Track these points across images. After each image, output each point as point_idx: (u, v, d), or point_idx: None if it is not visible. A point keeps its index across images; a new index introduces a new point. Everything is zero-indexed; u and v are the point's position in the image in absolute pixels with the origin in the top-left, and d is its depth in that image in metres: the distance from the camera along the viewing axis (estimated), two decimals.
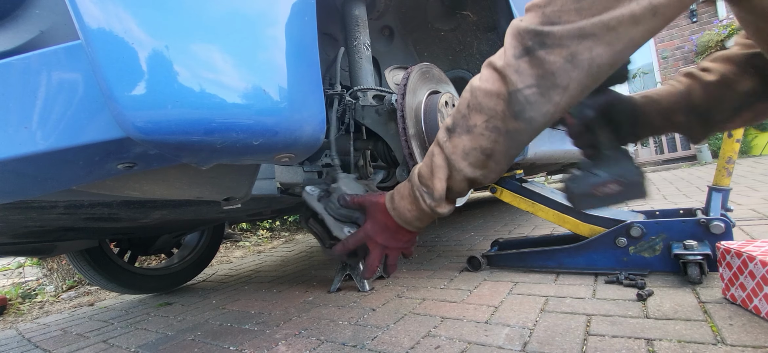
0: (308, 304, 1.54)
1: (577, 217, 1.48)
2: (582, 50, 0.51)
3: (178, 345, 1.32)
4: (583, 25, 0.50)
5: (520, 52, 0.54)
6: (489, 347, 0.95)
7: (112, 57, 0.48)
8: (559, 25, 0.51)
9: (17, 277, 3.07)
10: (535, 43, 0.53)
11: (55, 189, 0.64)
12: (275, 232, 4.28)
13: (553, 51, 0.52)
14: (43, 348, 1.52)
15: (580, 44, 0.51)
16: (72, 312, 2.12)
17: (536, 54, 0.53)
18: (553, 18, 0.52)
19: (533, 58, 0.53)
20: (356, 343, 1.09)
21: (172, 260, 2.35)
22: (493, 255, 1.69)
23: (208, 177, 0.81)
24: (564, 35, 0.51)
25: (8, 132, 0.52)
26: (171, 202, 1.16)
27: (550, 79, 0.53)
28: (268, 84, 0.56)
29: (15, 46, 0.55)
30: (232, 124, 0.54)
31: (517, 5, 1.62)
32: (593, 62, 0.52)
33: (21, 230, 1.23)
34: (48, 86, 0.52)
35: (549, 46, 0.52)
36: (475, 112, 0.61)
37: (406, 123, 0.98)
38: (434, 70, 1.20)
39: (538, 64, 0.53)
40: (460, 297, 1.34)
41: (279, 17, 0.59)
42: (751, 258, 0.92)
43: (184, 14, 0.51)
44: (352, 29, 1.16)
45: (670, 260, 1.27)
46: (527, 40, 0.54)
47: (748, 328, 0.86)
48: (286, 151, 0.63)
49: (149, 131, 0.50)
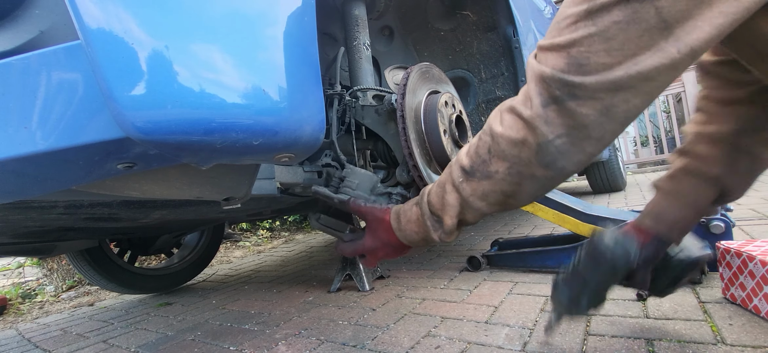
0: (308, 304, 1.54)
1: (577, 217, 1.48)
2: (618, 102, 0.47)
3: (178, 345, 1.32)
4: (618, 77, 0.46)
5: (547, 101, 0.50)
6: (489, 347, 0.95)
7: (112, 57, 0.48)
8: (590, 76, 0.47)
9: (17, 277, 3.07)
10: (563, 93, 0.49)
11: (55, 189, 0.64)
12: (275, 232, 4.28)
13: (585, 103, 0.48)
14: (43, 348, 1.52)
15: (616, 96, 0.47)
16: (72, 312, 2.12)
17: (566, 105, 0.49)
18: (581, 60, 0.47)
19: (563, 108, 0.49)
20: (356, 343, 1.09)
21: (172, 260, 2.35)
22: (493, 255, 1.69)
23: (208, 177, 0.81)
24: (597, 88, 0.47)
25: (8, 132, 0.52)
26: (171, 202, 1.16)
27: (582, 131, 0.49)
28: (268, 84, 0.56)
29: (15, 46, 0.55)
30: (232, 124, 0.54)
31: (517, 5, 1.62)
32: (629, 113, 0.48)
33: (21, 230, 1.23)
34: (48, 86, 0.52)
35: (581, 98, 0.48)
36: (497, 159, 0.58)
37: (405, 123, 0.98)
38: (434, 69, 1.20)
39: (568, 114, 0.49)
40: (460, 297, 1.34)
41: (279, 17, 0.59)
42: (751, 257, 0.92)
43: (183, 14, 0.51)
44: (352, 29, 1.16)
45: None
46: (555, 90, 0.50)
47: (748, 328, 0.86)
48: (286, 151, 0.63)
49: (149, 131, 0.50)
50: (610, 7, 0.45)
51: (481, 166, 0.60)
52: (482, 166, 0.60)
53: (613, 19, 0.45)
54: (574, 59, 0.48)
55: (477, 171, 0.61)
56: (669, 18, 0.43)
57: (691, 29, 0.43)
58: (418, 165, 1.00)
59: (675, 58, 0.44)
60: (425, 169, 1.03)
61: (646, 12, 0.44)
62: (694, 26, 0.43)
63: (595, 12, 0.47)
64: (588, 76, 0.47)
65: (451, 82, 1.28)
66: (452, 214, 0.66)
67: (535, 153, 0.53)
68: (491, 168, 0.59)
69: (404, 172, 1.06)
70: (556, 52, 0.50)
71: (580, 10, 0.48)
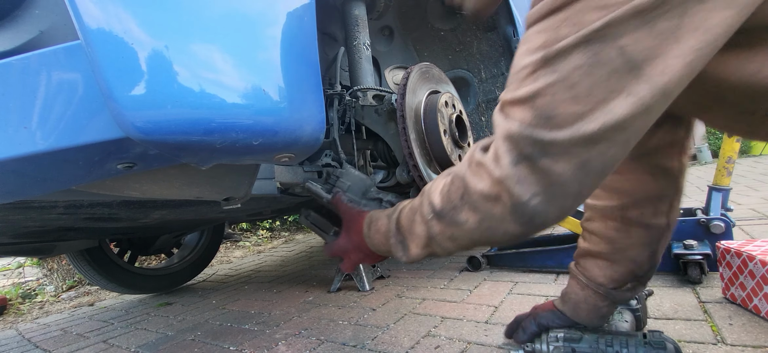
0: (308, 304, 1.54)
1: (577, 217, 1.48)
2: (594, 156, 0.43)
3: (178, 345, 1.32)
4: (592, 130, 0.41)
5: (518, 158, 0.46)
6: (489, 347, 0.95)
7: (112, 57, 0.47)
8: (561, 130, 0.42)
9: (17, 277, 3.08)
10: (535, 151, 0.44)
11: (55, 189, 0.64)
12: (275, 232, 4.28)
13: (559, 160, 0.44)
14: (43, 348, 1.52)
15: (592, 150, 0.42)
16: (72, 312, 2.12)
17: (539, 163, 0.45)
18: (548, 112, 0.43)
19: (535, 166, 0.45)
20: (356, 343, 1.09)
21: (172, 260, 2.35)
22: (492, 255, 1.69)
23: (208, 177, 0.81)
24: (571, 144, 0.42)
25: (8, 132, 0.51)
26: (171, 202, 1.16)
27: (559, 188, 0.45)
28: (268, 84, 0.56)
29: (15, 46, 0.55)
30: (231, 124, 0.54)
31: (517, 5, 1.62)
32: (607, 165, 0.44)
33: (21, 230, 1.23)
34: (48, 86, 0.52)
35: (554, 154, 0.44)
36: (468, 209, 0.53)
37: (406, 123, 0.98)
38: (434, 69, 1.20)
39: (542, 173, 0.45)
40: (460, 297, 1.34)
41: (278, 17, 0.59)
42: (751, 257, 0.92)
43: (183, 14, 0.51)
44: (352, 29, 1.16)
45: (670, 260, 1.27)
46: (525, 147, 0.45)
47: (748, 328, 0.86)
48: (286, 151, 0.63)
49: (149, 131, 0.50)
50: (568, 51, 0.42)
51: (452, 212, 0.55)
52: (452, 212, 0.55)
53: (573, 64, 0.41)
54: (540, 111, 0.44)
55: (446, 214, 0.56)
56: (635, 57, 0.39)
57: (661, 68, 0.39)
58: (418, 165, 1.00)
59: (647, 102, 0.40)
60: (425, 168, 1.03)
61: (609, 53, 0.40)
62: (665, 64, 0.39)
63: (552, 58, 0.43)
64: (559, 130, 0.43)
65: (451, 82, 1.28)
66: (418, 244, 0.63)
67: (509, 212, 0.49)
68: (461, 216, 0.54)
69: (404, 172, 1.06)
70: (520, 105, 0.46)
71: (536, 58, 0.44)
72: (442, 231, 0.58)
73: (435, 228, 0.58)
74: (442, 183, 0.58)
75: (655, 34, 0.38)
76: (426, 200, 0.61)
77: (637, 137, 0.44)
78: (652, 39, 0.39)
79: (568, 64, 0.42)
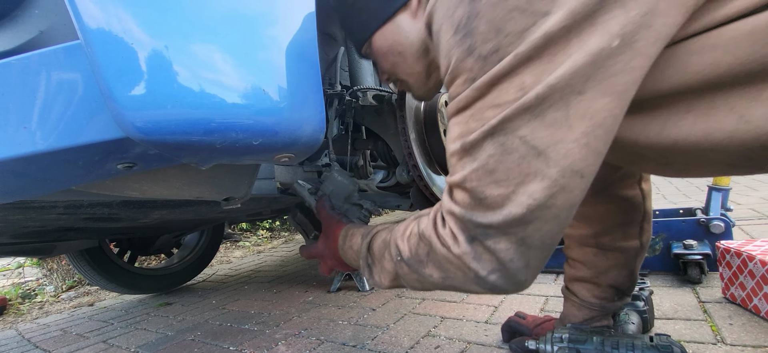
0: (308, 304, 1.54)
1: None
2: (531, 234, 0.46)
3: (178, 345, 1.32)
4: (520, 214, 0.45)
5: (469, 238, 0.49)
6: (489, 347, 0.95)
7: (112, 57, 0.47)
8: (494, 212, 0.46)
9: (17, 277, 3.07)
10: (478, 233, 0.48)
11: (55, 189, 0.64)
12: (275, 232, 4.28)
13: (500, 240, 0.47)
14: (42, 349, 1.52)
15: (527, 229, 0.46)
16: (72, 313, 2.12)
17: (485, 243, 0.48)
18: (479, 195, 0.47)
19: (483, 246, 0.48)
20: (356, 343, 1.09)
21: (172, 260, 2.35)
22: None
23: (208, 177, 0.81)
24: (505, 225, 0.46)
25: (8, 132, 0.51)
26: (171, 202, 1.16)
27: (509, 263, 0.48)
28: (268, 84, 0.56)
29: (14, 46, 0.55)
30: (231, 124, 0.54)
31: None
32: (546, 238, 0.47)
33: (21, 230, 1.23)
34: (47, 86, 0.52)
35: (494, 236, 0.47)
36: (433, 267, 0.55)
37: (405, 123, 0.98)
38: None
39: (492, 252, 0.48)
40: (460, 297, 1.34)
41: (278, 17, 0.59)
42: (751, 257, 0.92)
43: (183, 14, 0.51)
44: None
45: (670, 260, 1.27)
46: (471, 229, 0.49)
47: (748, 328, 0.86)
48: (286, 151, 0.63)
49: (149, 131, 0.50)
50: (480, 142, 0.46)
51: (417, 264, 0.57)
52: (418, 265, 0.57)
53: (487, 152, 0.46)
54: (472, 194, 0.48)
55: (412, 265, 0.58)
56: (537, 144, 0.43)
57: (564, 152, 0.42)
58: (418, 165, 1.00)
59: (561, 182, 0.43)
60: (425, 168, 1.03)
61: (513, 142, 0.44)
62: (566, 148, 0.42)
63: (469, 148, 0.47)
64: (493, 212, 0.46)
65: None
66: (387, 278, 0.64)
67: (472, 280, 0.51)
68: (426, 271, 0.56)
69: (404, 172, 1.06)
70: (457, 189, 0.50)
71: (457, 147, 0.49)
72: (409, 274, 0.59)
73: (403, 270, 0.60)
74: (409, 231, 0.59)
75: (548, 124, 0.42)
76: (393, 243, 0.61)
77: (568, 212, 0.46)
78: (545, 129, 0.42)
79: (483, 153, 0.46)
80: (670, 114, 0.46)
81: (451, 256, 0.52)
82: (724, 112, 0.43)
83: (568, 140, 0.42)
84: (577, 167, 0.43)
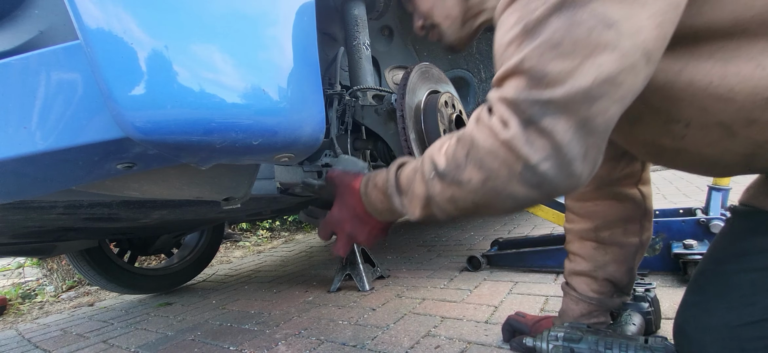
0: (308, 304, 1.54)
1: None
2: (594, 114, 0.44)
3: (178, 345, 1.32)
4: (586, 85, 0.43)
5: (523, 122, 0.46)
6: (489, 347, 0.95)
7: (112, 57, 0.47)
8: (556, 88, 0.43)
9: (17, 277, 3.07)
10: (535, 111, 0.45)
11: (55, 189, 0.64)
12: (275, 232, 4.28)
13: (560, 119, 0.44)
14: (43, 349, 1.52)
15: (591, 107, 0.44)
16: (72, 313, 2.12)
17: (541, 124, 0.45)
18: (538, 73, 0.44)
19: (540, 127, 0.45)
20: (356, 343, 1.09)
21: (172, 260, 2.34)
22: (492, 255, 1.69)
23: (208, 177, 0.81)
24: (569, 100, 0.43)
25: (8, 132, 0.52)
26: (171, 202, 1.16)
27: (566, 149, 0.45)
28: (268, 84, 0.56)
29: (14, 46, 0.55)
30: (231, 124, 0.54)
31: None
32: (608, 123, 0.45)
33: (21, 230, 1.23)
34: (47, 86, 0.52)
35: (554, 113, 0.44)
36: (473, 167, 0.51)
37: (405, 123, 0.98)
38: (434, 69, 1.20)
39: (548, 134, 0.45)
40: (460, 297, 1.34)
41: (278, 17, 0.59)
42: None
43: (183, 14, 0.51)
44: (352, 29, 1.16)
45: (670, 259, 1.27)
46: (526, 109, 0.46)
47: None
48: (286, 151, 0.63)
49: (148, 131, 0.50)
50: (545, 18, 0.44)
51: (455, 171, 0.54)
52: (456, 171, 0.54)
53: (553, 27, 0.44)
54: (530, 74, 0.45)
55: (449, 174, 0.55)
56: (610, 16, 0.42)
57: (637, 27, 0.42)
58: None
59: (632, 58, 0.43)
60: None
61: (582, 15, 0.43)
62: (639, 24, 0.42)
63: (532, 28, 0.45)
64: (554, 88, 0.44)
65: (450, 82, 1.28)
66: (417, 205, 0.61)
67: (518, 173, 0.48)
68: (465, 175, 0.52)
69: None
70: (511, 77, 0.47)
71: (516, 32, 0.47)
72: (443, 192, 0.56)
73: (435, 189, 0.57)
74: (447, 144, 0.57)
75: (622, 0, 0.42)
76: (428, 160, 0.59)
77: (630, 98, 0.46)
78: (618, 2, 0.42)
79: (548, 28, 0.44)
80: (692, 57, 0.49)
81: (497, 145, 0.48)
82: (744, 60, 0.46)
83: (643, 16, 0.42)
84: (647, 47, 0.43)
